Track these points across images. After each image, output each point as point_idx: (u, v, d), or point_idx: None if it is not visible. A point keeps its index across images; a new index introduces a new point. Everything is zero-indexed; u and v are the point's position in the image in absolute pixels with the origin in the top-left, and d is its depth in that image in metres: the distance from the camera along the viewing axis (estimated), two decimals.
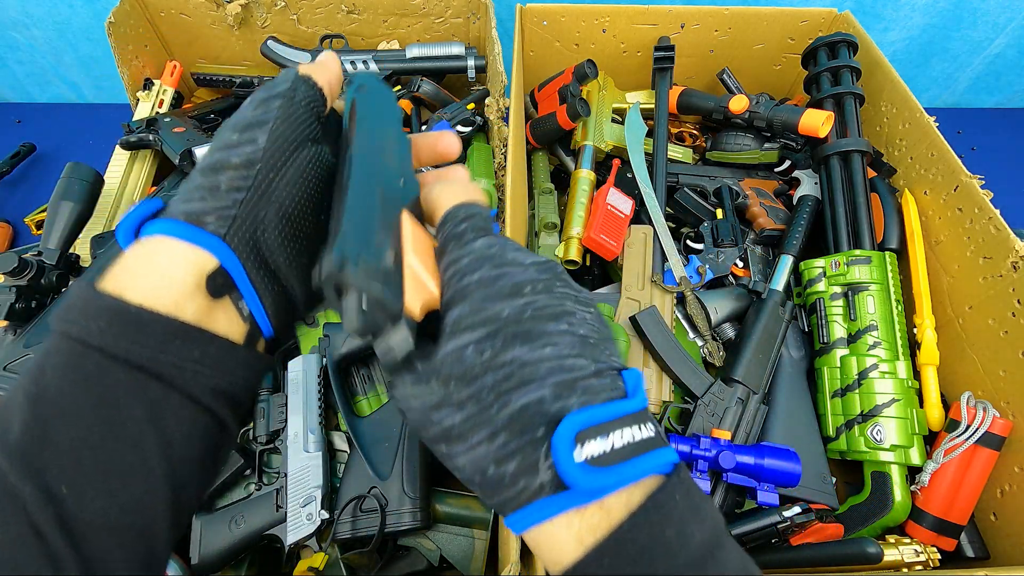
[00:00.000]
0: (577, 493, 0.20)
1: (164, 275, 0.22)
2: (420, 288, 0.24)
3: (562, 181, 0.81)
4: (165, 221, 0.24)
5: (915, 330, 0.60)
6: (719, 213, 0.73)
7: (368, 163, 0.25)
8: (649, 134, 0.79)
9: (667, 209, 0.74)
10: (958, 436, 0.53)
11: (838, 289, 0.62)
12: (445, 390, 0.22)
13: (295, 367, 0.56)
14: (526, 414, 0.21)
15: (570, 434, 0.20)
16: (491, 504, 0.22)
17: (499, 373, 0.21)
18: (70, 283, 0.58)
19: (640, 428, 0.21)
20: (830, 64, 0.72)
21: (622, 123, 0.78)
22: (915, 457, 0.54)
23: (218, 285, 0.23)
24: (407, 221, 0.25)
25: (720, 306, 0.66)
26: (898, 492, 0.54)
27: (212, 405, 0.23)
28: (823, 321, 0.61)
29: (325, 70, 0.29)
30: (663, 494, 0.21)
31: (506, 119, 0.69)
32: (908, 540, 0.52)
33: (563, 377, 0.21)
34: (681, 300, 0.66)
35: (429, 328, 0.25)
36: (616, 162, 0.76)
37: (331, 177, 0.28)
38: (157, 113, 0.77)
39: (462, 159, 0.73)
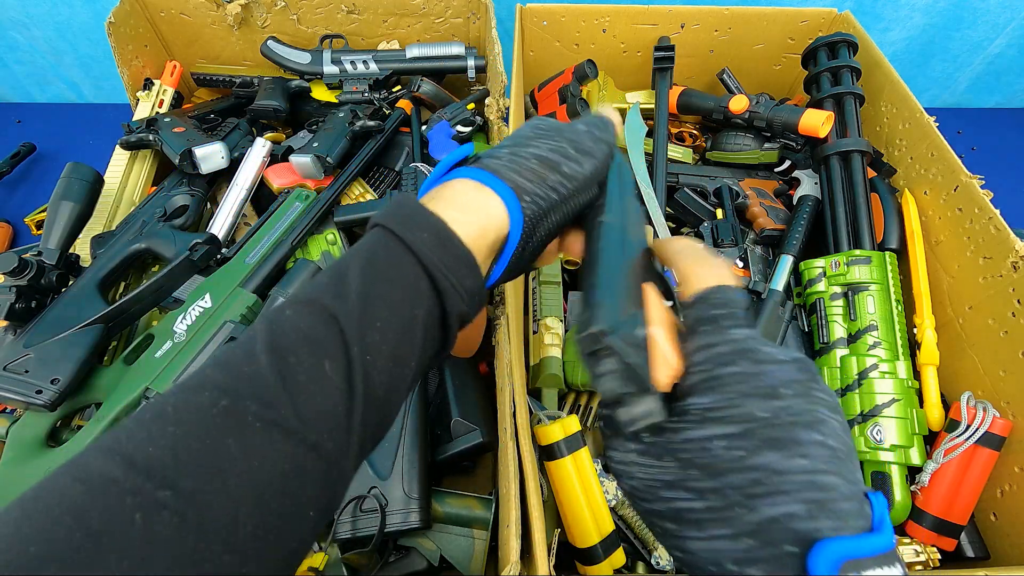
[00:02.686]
0: None
1: (482, 222, 0.27)
2: (665, 361, 0.24)
3: None
4: (501, 184, 0.28)
5: (915, 330, 0.60)
6: (719, 213, 0.73)
7: (619, 235, 0.30)
8: (649, 134, 0.79)
9: (667, 209, 0.74)
10: (958, 436, 0.53)
11: (838, 289, 0.62)
12: (683, 473, 0.22)
13: None
14: (775, 526, 0.20)
15: (831, 567, 0.19)
16: None
17: (748, 476, 0.21)
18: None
19: (888, 569, 0.19)
20: (830, 64, 0.72)
21: (622, 123, 0.78)
22: (915, 457, 0.54)
23: (501, 247, 0.29)
24: (651, 293, 0.27)
25: None
26: (898, 492, 0.54)
27: (452, 326, 0.28)
28: (823, 321, 0.61)
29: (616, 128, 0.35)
30: None
31: (506, 119, 0.69)
32: (908, 540, 0.52)
33: (815, 495, 0.20)
34: None
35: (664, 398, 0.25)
36: None
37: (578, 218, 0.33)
38: (157, 113, 0.77)
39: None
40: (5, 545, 0.17)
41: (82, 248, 0.64)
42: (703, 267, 0.27)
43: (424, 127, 0.76)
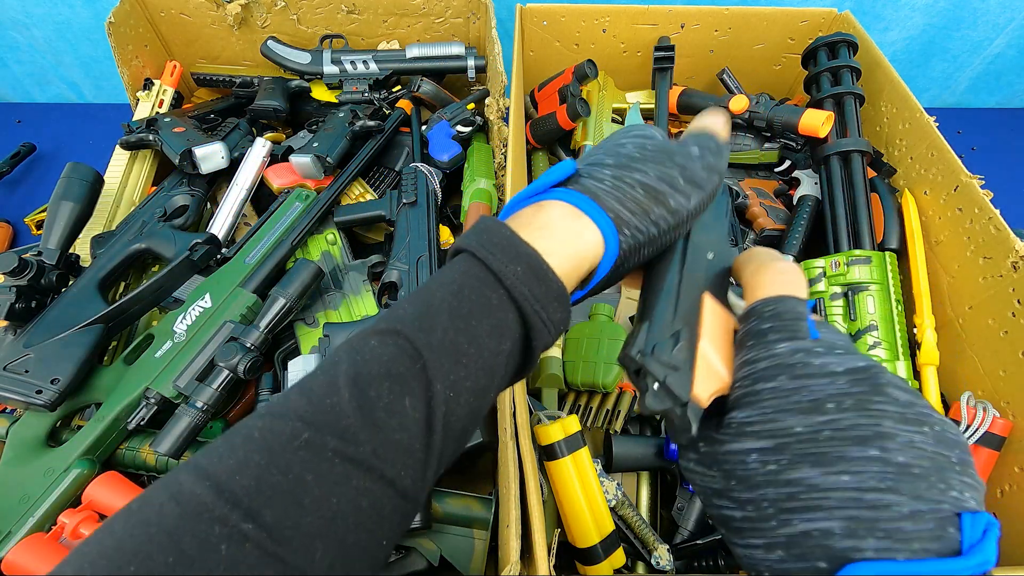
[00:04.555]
0: None
1: (578, 254, 0.26)
2: (711, 376, 0.25)
3: None
4: (601, 213, 0.26)
5: (915, 330, 0.60)
6: None
7: (680, 250, 0.29)
8: None
9: None
10: None
11: (838, 289, 0.62)
12: (726, 483, 0.23)
13: (295, 367, 0.56)
14: (807, 540, 0.20)
15: None
16: None
17: (782, 490, 0.21)
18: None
19: None
20: (830, 64, 0.72)
21: (622, 123, 0.78)
22: None
23: (590, 276, 0.28)
24: (708, 304, 0.27)
25: None
26: None
27: (536, 355, 0.27)
28: None
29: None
30: None
31: (506, 119, 0.69)
32: None
33: (860, 513, 0.19)
34: None
35: (717, 410, 0.25)
36: None
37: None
38: (157, 113, 0.77)
39: (463, 160, 0.73)
40: (108, 561, 0.18)
41: (82, 248, 0.64)
42: (765, 275, 0.27)
43: (424, 127, 0.76)
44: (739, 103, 0.75)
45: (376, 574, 0.23)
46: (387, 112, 0.78)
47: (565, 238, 0.26)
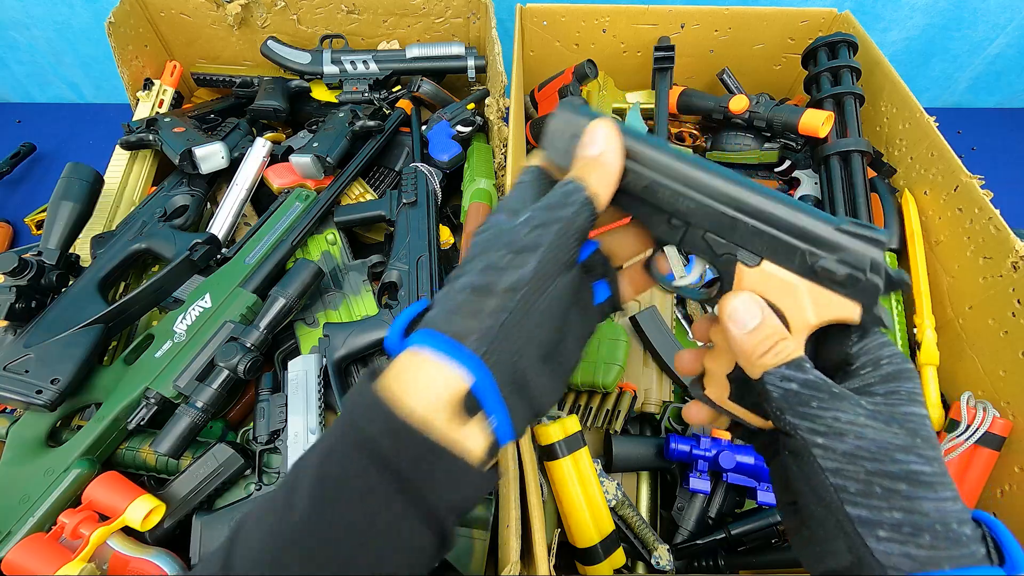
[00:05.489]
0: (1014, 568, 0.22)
1: (426, 389, 0.24)
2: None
3: None
4: (432, 335, 0.25)
5: (915, 330, 0.60)
6: None
7: None
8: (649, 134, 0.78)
9: None
10: (958, 436, 0.53)
11: None
12: (912, 440, 0.24)
13: (295, 367, 0.56)
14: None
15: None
16: (927, 554, 0.23)
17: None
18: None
19: None
20: (830, 64, 0.72)
21: (622, 123, 0.78)
22: None
23: (472, 404, 0.25)
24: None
25: None
26: None
27: (444, 521, 0.24)
28: None
29: (608, 180, 0.28)
30: None
31: (506, 119, 0.69)
32: None
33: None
34: (681, 300, 0.66)
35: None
36: None
37: (576, 296, 0.29)
38: (157, 113, 0.77)
39: (463, 160, 0.73)
40: None
41: (82, 248, 0.64)
42: None
43: (424, 127, 0.76)
44: (739, 103, 0.75)
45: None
46: (387, 112, 0.78)
47: (408, 377, 0.24)
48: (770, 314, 0.27)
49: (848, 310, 0.26)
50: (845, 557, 0.24)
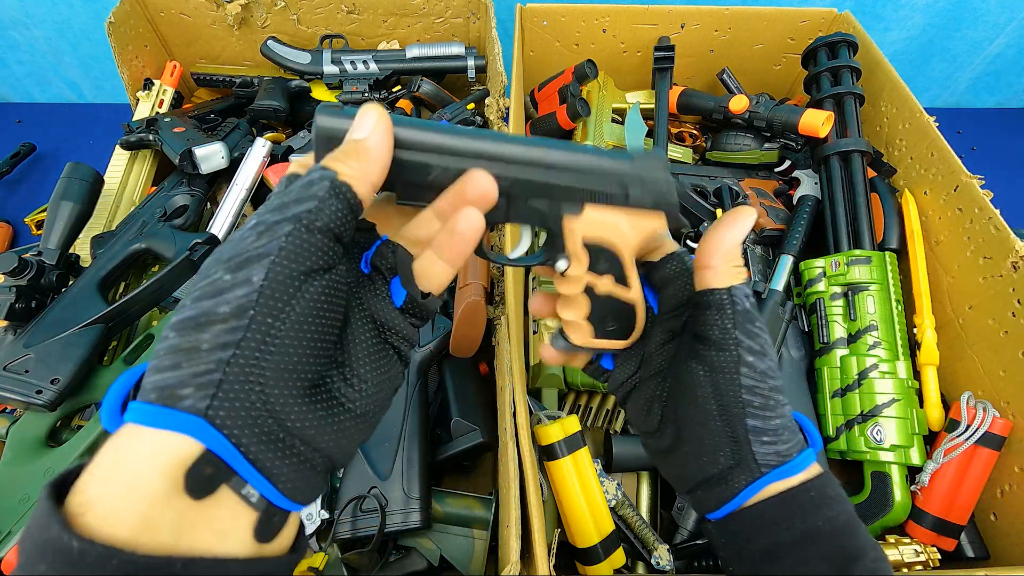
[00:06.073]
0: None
1: (130, 481, 0.18)
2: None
3: None
4: (134, 404, 0.19)
5: (915, 330, 0.60)
6: (719, 213, 0.73)
7: None
8: (649, 134, 0.79)
9: None
10: (958, 436, 0.53)
11: (838, 289, 0.62)
12: (775, 358, 0.29)
13: None
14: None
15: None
16: (785, 447, 0.27)
17: None
18: (70, 282, 0.58)
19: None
20: (830, 64, 0.72)
21: (622, 123, 0.78)
22: (915, 457, 0.54)
23: (205, 477, 0.18)
24: None
25: None
26: (898, 492, 0.54)
27: None
28: (823, 321, 0.61)
29: (370, 164, 0.23)
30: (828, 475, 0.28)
31: (506, 119, 0.69)
32: (908, 540, 0.52)
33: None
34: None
35: None
36: None
37: (360, 303, 0.25)
38: (157, 113, 0.77)
39: None
40: None
41: (82, 248, 0.64)
42: None
43: None
44: (739, 103, 0.75)
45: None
46: None
47: (105, 474, 0.18)
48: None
49: (658, 221, 0.30)
50: (725, 463, 0.27)
